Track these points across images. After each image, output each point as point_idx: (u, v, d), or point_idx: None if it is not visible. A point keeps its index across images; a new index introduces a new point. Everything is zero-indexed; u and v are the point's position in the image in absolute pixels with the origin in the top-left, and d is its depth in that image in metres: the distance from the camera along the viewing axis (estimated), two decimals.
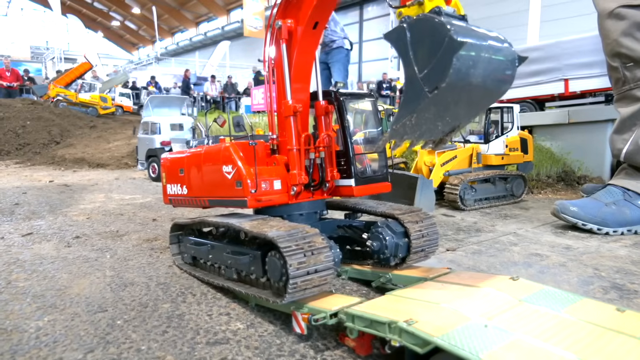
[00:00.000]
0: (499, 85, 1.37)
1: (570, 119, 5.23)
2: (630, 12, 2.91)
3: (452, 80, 1.21)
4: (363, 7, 28.71)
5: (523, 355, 1.08)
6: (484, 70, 1.27)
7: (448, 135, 1.47)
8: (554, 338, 1.17)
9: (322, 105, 1.96)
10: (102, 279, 2.22)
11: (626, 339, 1.16)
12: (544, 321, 1.28)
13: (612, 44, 3.03)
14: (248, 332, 1.64)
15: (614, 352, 1.10)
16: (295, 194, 1.90)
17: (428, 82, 1.25)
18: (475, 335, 1.18)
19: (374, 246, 1.91)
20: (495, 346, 1.12)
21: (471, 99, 1.36)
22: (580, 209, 3.03)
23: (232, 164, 1.86)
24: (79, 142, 11.08)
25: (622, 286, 2.06)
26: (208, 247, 2.07)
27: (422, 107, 1.28)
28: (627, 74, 2.99)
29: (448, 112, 1.35)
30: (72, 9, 39.88)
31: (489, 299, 1.45)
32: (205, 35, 37.82)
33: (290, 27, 1.83)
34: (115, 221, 3.58)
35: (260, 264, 1.67)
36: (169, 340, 1.58)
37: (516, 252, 2.59)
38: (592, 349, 1.11)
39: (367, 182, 1.99)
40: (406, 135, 1.37)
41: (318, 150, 1.92)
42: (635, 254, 2.56)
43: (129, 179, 6.69)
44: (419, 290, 1.59)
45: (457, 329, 1.21)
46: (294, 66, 1.86)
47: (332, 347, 1.52)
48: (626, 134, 3.06)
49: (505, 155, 4.12)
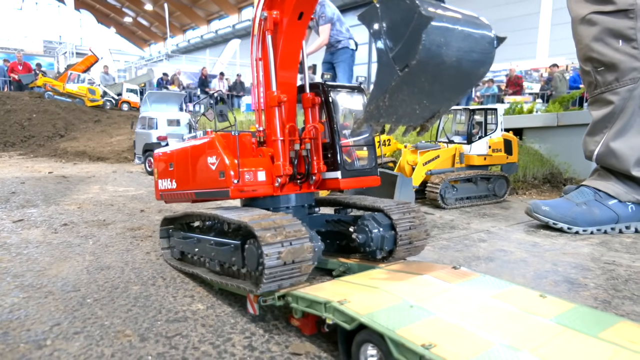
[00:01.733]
0: (476, 67, 1.33)
1: (559, 121, 5.29)
2: (601, 18, 2.99)
3: (422, 57, 1.18)
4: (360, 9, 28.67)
5: (437, 330, 1.18)
6: (457, 49, 1.25)
7: (429, 121, 1.45)
8: (473, 319, 1.27)
9: (309, 97, 1.95)
10: (81, 262, 2.34)
11: (539, 319, 1.26)
12: (469, 304, 1.38)
13: (584, 49, 3.10)
14: (206, 313, 1.75)
15: (525, 332, 1.20)
16: (279, 186, 1.87)
17: (399, 61, 1.23)
18: (399, 314, 1.28)
19: (360, 239, 1.90)
20: (413, 324, 1.22)
21: (447, 81, 1.32)
22: (552, 209, 3.11)
23: (215, 155, 1.85)
24: (82, 136, 11.28)
25: (574, 280, 2.15)
26: (194, 241, 2.08)
27: (394, 86, 1.26)
28: (599, 78, 3.07)
29: (424, 94, 1.32)
30: (86, 4, 40.30)
31: (424, 284, 1.54)
32: (216, 33, 38.06)
33: (275, 19, 1.82)
34: (104, 211, 3.71)
35: (240, 253, 1.67)
36: (132, 318, 1.69)
37: (482, 248, 2.68)
38: (505, 329, 1.20)
39: (355, 175, 1.97)
40: (382, 119, 1.35)
41: (304, 141, 1.91)
42: (598, 251, 2.64)
43: (126, 172, 6.84)
44: (364, 276, 1.69)
45: (383, 308, 1.31)
46: (280, 58, 1.86)
47: (281, 328, 1.63)
48: (597, 136, 3.14)
49: (488, 156, 4.20)
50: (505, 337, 1.15)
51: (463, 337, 1.15)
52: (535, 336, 1.17)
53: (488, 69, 1.37)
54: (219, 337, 1.54)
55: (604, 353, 1.10)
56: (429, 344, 1.08)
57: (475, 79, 1.39)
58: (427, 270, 1.71)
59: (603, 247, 2.75)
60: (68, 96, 16.35)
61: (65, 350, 1.45)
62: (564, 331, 1.20)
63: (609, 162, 3.10)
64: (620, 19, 2.96)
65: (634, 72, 2.95)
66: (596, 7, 3.02)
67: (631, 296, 1.96)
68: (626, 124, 3.02)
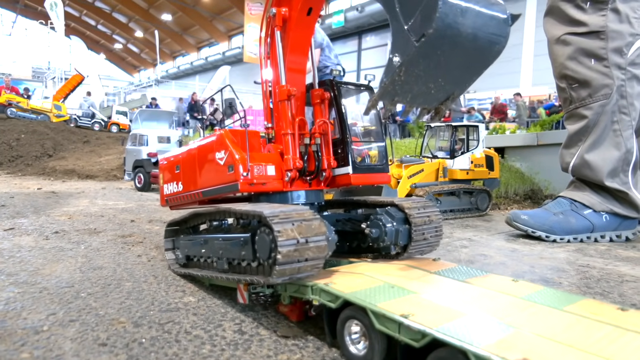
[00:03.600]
0: (492, 43, 1.31)
1: (539, 141, 5.50)
2: (575, 38, 3.20)
3: (439, 25, 1.18)
4: (362, 36, 29.52)
5: (415, 304, 1.28)
6: (473, 21, 1.24)
7: (444, 104, 1.44)
8: (448, 296, 1.36)
9: (318, 93, 1.91)
10: (74, 264, 2.40)
11: (510, 297, 1.37)
12: (445, 286, 1.48)
13: (559, 67, 3.30)
14: (198, 304, 1.82)
15: (496, 306, 1.30)
16: (289, 180, 1.83)
17: (415, 31, 1.22)
18: (381, 292, 1.37)
19: (373, 233, 1.83)
20: (393, 299, 1.31)
21: (463, 57, 1.31)
22: (530, 218, 3.24)
23: (224, 149, 1.82)
24: (71, 156, 11.31)
25: (549, 279, 2.25)
26: (201, 242, 2.00)
27: (410, 59, 1.25)
28: (573, 94, 3.26)
29: (439, 70, 1.31)
30: (76, 31, 40.69)
31: (405, 271, 1.65)
32: (206, 60, 38.54)
33: (284, 15, 1.82)
34: (95, 221, 3.76)
35: (251, 246, 1.60)
36: (125, 308, 1.75)
37: (464, 253, 2.78)
38: (478, 304, 1.30)
39: (366, 172, 1.92)
40: (397, 97, 1.33)
41: (314, 136, 1.87)
42: (574, 256, 2.76)
43: (116, 188, 6.87)
44: (349, 267, 1.78)
45: (366, 289, 1.41)
46: (289, 53, 1.86)
47: (270, 316, 1.70)
48: (573, 149, 3.31)
49: (471, 171, 4.35)
50: (478, 310, 1.25)
51: (438, 309, 1.25)
52: (505, 309, 1.28)
53: (503, 48, 1.34)
54: (210, 324, 1.61)
55: (567, 321, 1.20)
56: (407, 314, 1.18)
57: (490, 57, 1.36)
58: (408, 260, 1.81)
59: (579, 253, 2.88)
60: (32, 112, 16.26)
61: (62, 334, 1.51)
62: (532, 305, 1.31)
63: (584, 173, 3.26)
64: (592, 40, 3.17)
65: (606, 89, 3.14)
66: (570, 28, 3.24)
67: (602, 292, 2.07)
68: (599, 137, 3.19)
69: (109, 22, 41.31)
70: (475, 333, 1.07)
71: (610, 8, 3.10)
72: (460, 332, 1.07)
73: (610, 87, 3.12)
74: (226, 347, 1.43)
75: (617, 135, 3.15)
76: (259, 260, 1.56)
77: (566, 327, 1.16)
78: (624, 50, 3.10)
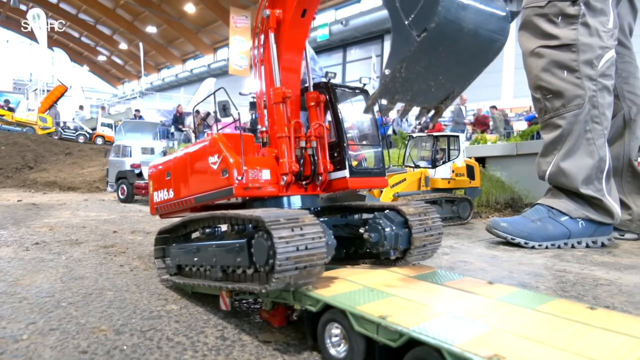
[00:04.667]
0: (492, 40, 1.31)
1: (518, 150, 5.63)
2: (548, 51, 3.32)
3: (441, 19, 1.17)
4: (346, 49, 29.85)
5: (393, 306, 1.31)
6: (474, 17, 1.23)
7: (444, 103, 1.42)
8: (426, 298, 1.40)
9: (313, 95, 1.88)
10: (54, 274, 2.38)
11: (485, 298, 1.41)
12: (423, 288, 1.52)
13: (534, 79, 3.41)
14: (180, 312, 1.82)
15: (471, 307, 1.34)
16: (285, 184, 1.78)
17: (416, 26, 1.21)
18: (360, 295, 1.41)
19: (372, 237, 1.79)
20: (372, 302, 1.34)
21: (464, 54, 1.30)
22: (509, 225, 3.31)
23: (217, 153, 1.77)
24: (52, 168, 11.15)
25: (527, 283, 2.31)
26: (193, 250, 1.92)
27: (412, 54, 1.23)
28: (548, 104, 3.36)
29: (440, 67, 1.30)
30: (59, 43, 40.33)
31: (383, 275, 1.68)
32: (191, 72, 38.48)
33: (278, 17, 1.80)
34: (76, 232, 3.72)
35: (247, 252, 1.54)
36: (107, 316, 1.75)
37: (445, 260, 2.83)
38: (454, 305, 1.34)
39: (363, 175, 1.88)
40: (397, 95, 1.31)
41: (309, 140, 1.83)
42: (551, 262, 2.83)
43: (98, 200, 6.80)
44: (329, 273, 1.80)
45: (346, 292, 1.44)
46: (283, 55, 1.84)
47: (252, 322, 1.72)
48: (549, 157, 3.40)
49: (452, 180, 4.43)
50: (454, 311, 1.28)
51: (416, 310, 1.29)
52: (480, 309, 1.32)
53: (503, 45, 1.34)
54: (192, 330, 1.62)
55: (538, 319, 1.24)
56: (385, 315, 1.21)
57: (491, 54, 1.36)
58: (390, 266, 1.84)
59: (556, 258, 2.95)
60: (17, 125, 16.09)
61: (41, 343, 1.50)
62: (505, 306, 1.35)
63: (560, 181, 3.35)
64: (564, 52, 3.28)
65: (578, 99, 3.25)
66: (543, 41, 3.35)
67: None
68: (573, 146, 3.29)
69: (92, 34, 41.10)
70: (450, 332, 1.10)
71: (581, 22, 3.23)
72: (435, 331, 1.10)
73: (583, 97, 3.23)
74: (208, 353, 1.44)
75: (590, 143, 3.26)
76: (255, 267, 1.51)
77: (537, 325, 1.20)
78: (595, 63, 3.22)
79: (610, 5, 3.31)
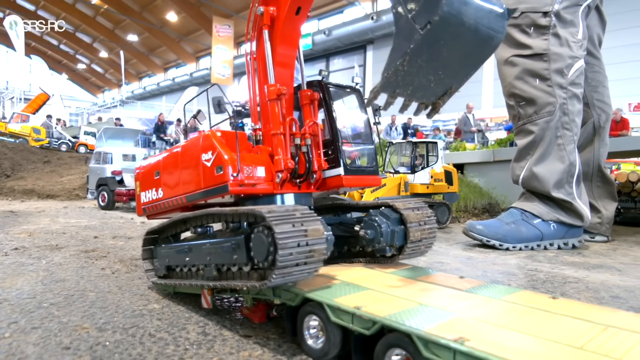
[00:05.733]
0: (491, 36, 1.33)
1: (495, 157, 5.78)
2: (521, 60, 3.46)
3: (445, 12, 1.20)
4: (329, 59, 30.10)
5: (368, 298, 1.38)
6: (475, 12, 1.26)
7: (441, 99, 1.45)
8: (399, 290, 1.47)
9: (307, 94, 1.87)
10: (35, 277, 2.38)
11: (455, 290, 1.48)
12: (397, 282, 1.59)
13: (507, 86, 3.55)
14: (162, 310, 1.86)
15: (441, 297, 1.41)
16: (280, 182, 1.76)
17: (420, 19, 1.23)
18: (337, 289, 1.47)
19: (368, 234, 1.79)
20: (348, 295, 1.41)
21: (464, 48, 1.33)
22: (485, 227, 3.42)
23: (211, 150, 1.74)
24: (30, 176, 10.98)
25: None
26: (185, 250, 1.87)
27: (415, 47, 1.25)
28: (521, 111, 3.49)
29: (440, 62, 1.32)
30: (37, 50, 39.69)
31: (362, 271, 1.75)
32: (173, 81, 38.19)
33: (272, 14, 1.79)
34: (56, 238, 3.70)
35: (244, 249, 1.52)
36: (89, 315, 1.78)
37: (422, 261, 2.91)
38: (425, 296, 1.41)
39: (357, 173, 1.87)
40: (398, 89, 1.33)
41: (304, 137, 1.81)
42: (524, 262, 2.93)
43: (78, 207, 6.74)
44: None
45: (323, 286, 1.50)
46: (277, 52, 1.82)
47: (233, 318, 1.76)
48: (522, 162, 3.53)
49: (431, 185, 4.54)
50: (425, 301, 1.36)
51: (389, 301, 1.35)
52: (449, 299, 1.39)
53: (500, 42, 1.37)
54: (174, 327, 1.66)
55: (503, 308, 1.32)
56: (360, 306, 1.27)
57: (488, 51, 1.39)
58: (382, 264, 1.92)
59: (528, 259, 3.06)
60: (10, 136, 15.85)
61: (24, 340, 1.52)
62: (473, 296, 1.43)
63: (533, 185, 3.48)
64: (536, 61, 3.43)
65: (549, 106, 3.39)
66: (516, 51, 3.49)
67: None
68: (545, 151, 3.42)
69: (72, 42, 40.61)
70: (420, 319, 1.17)
71: (552, 33, 3.38)
72: (406, 319, 1.17)
73: (554, 104, 3.37)
74: (189, 347, 1.48)
75: (561, 149, 3.39)
76: (253, 264, 1.50)
77: (502, 313, 1.28)
78: (565, 71, 3.36)
79: (580, 17, 3.48)
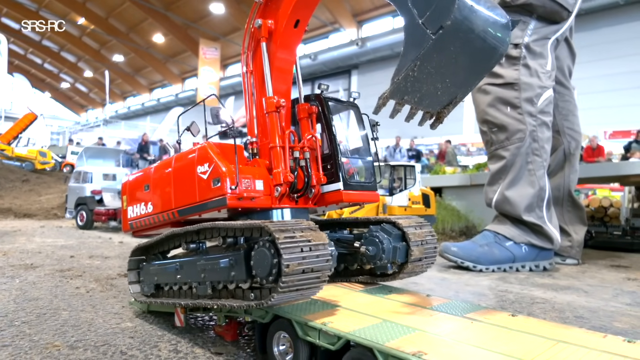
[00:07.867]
0: (497, 45, 1.34)
1: (472, 181, 5.92)
2: (494, 88, 3.61)
3: (457, 17, 1.21)
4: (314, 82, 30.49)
5: (335, 314, 1.43)
6: (483, 20, 1.28)
7: (446, 109, 1.47)
8: (366, 307, 1.52)
9: (305, 107, 1.83)
10: (7, 296, 2.36)
11: (420, 308, 1.54)
12: (365, 300, 1.64)
13: (481, 113, 3.69)
14: (135, 329, 1.87)
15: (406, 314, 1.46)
16: (279, 195, 1.70)
17: (431, 24, 1.24)
18: (305, 306, 1.52)
19: (370, 251, 1.75)
20: (316, 312, 1.45)
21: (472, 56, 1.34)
22: (459, 249, 3.50)
23: (208, 162, 1.67)
24: (7, 194, 10.77)
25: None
26: (176, 267, 1.78)
27: (426, 52, 1.26)
28: (493, 137, 3.63)
29: (449, 69, 1.33)
30: (20, 69, 39.38)
31: (332, 290, 1.80)
32: (158, 101, 38.12)
33: (270, 27, 1.78)
34: (32, 257, 3.66)
35: (244, 264, 1.47)
36: (61, 333, 1.78)
37: (396, 282, 2.95)
38: (391, 313, 1.46)
39: (356, 189, 1.82)
40: (407, 95, 1.34)
41: (302, 150, 1.76)
42: (495, 283, 3.01)
43: (55, 227, 6.64)
44: None
45: (293, 304, 1.54)
46: (275, 65, 1.80)
47: (206, 337, 1.78)
48: (495, 186, 3.65)
49: (408, 207, 4.63)
50: (390, 317, 1.41)
51: (355, 318, 1.40)
52: (414, 316, 1.45)
53: (504, 53, 1.38)
54: (146, 345, 1.67)
55: (464, 324, 1.38)
56: (326, 322, 1.32)
57: (493, 60, 1.40)
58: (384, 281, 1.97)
59: (500, 280, 3.13)
60: (17, 160, 15.57)
61: None
62: (436, 313, 1.49)
63: (505, 208, 3.58)
64: (508, 90, 3.58)
65: (520, 133, 3.53)
66: (489, 79, 3.65)
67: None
68: (516, 176, 3.55)
69: (56, 61, 40.42)
70: (383, 334, 1.22)
71: (522, 63, 3.55)
72: (369, 334, 1.22)
73: (524, 131, 3.51)
74: None
75: (531, 174, 3.52)
76: (253, 281, 1.46)
77: (462, 329, 1.34)
78: (534, 100, 3.52)
79: (549, 49, 3.66)
